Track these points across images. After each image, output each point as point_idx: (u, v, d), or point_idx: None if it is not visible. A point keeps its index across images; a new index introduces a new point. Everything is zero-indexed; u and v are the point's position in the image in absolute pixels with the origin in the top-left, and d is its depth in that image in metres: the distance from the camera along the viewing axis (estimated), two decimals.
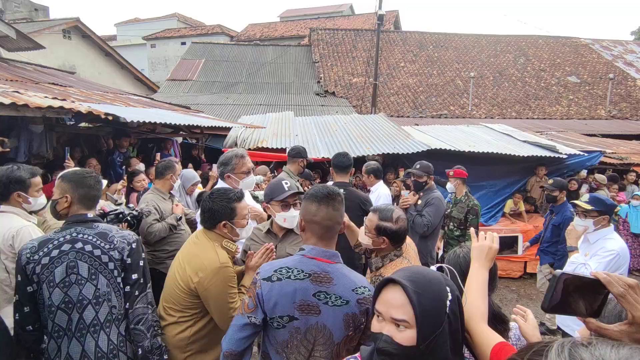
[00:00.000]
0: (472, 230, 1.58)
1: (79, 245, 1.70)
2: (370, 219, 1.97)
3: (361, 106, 13.96)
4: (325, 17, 26.66)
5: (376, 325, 1.04)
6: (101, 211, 2.40)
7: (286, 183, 2.20)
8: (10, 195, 2.12)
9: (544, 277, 4.24)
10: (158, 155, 5.50)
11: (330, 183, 5.65)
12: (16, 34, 7.10)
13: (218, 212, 1.90)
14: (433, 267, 1.26)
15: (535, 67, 17.69)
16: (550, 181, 4.36)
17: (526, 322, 1.36)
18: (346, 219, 2.03)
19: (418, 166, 3.88)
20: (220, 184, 2.62)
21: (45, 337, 1.70)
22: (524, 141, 6.77)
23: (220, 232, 1.91)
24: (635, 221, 6.30)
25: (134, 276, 1.74)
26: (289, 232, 2.24)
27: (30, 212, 2.23)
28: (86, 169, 1.97)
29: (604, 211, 2.82)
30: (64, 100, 4.16)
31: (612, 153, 7.99)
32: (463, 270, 1.65)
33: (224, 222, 1.90)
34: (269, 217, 2.33)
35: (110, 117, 4.05)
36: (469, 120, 12.16)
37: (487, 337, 1.17)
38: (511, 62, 18.01)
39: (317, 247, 1.47)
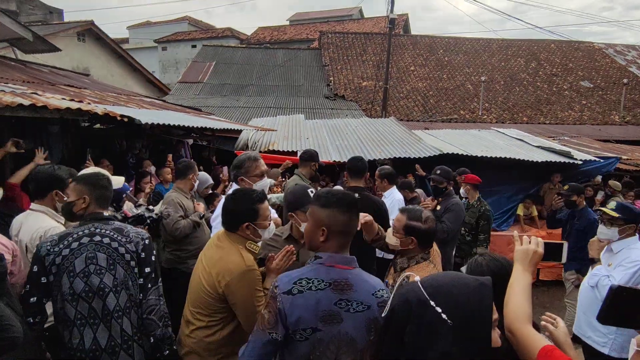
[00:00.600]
0: (515, 233, 1.56)
1: (97, 238, 1.79)
2: (399, 219, 1.97)
3: (371, 110, 13.94)
4: (335, 21, 26.71)
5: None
6: (123, 215, 2.42)
7: (312, 191, 2.19)
8: (48, 193, 2.21)
9: (572, 284, 4.14)
10: (170, 156, 5.54)
11: (337, 187, 5.64)
12: (33, 36, 7.21)
13: (241, 213, 1.88)
14: None
15: (547, 72, 17.50)
16: (566, 187, 4.29)
17: (557, 329, 1.35)
18: (369, 217, 2.06)
19: (438, 171, 3.84)
20: (234, 187, 2.62)
21: (66, 328, 1.77)
22: (538, 146, 6.69)
23: (242, 233, 1.89)
24: None
25: (147, 269, 1.84)
26: None
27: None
28: (97, 171, 2.04)
29: (631, 220, 2.71)
30: (81, 102, 4.21)
31: (628, 159, 7.85)
32: None
33: (247, 223, 1.88)
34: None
35: (125, 119, 4.09)
36: (479, 124, 12.06)
37: (533, 340, 1.17)
38: (522, 66, 17.84)
39: (336, 254, 1.44)
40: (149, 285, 1.83)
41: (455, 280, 1.03)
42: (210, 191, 4.39)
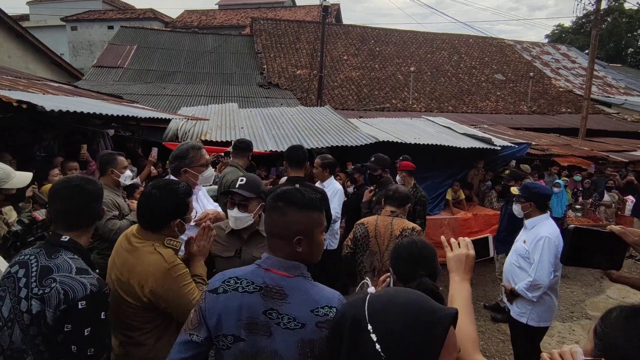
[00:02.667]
0: (442, 238, 1.50)
1: (21, 273, 1.33)
2: None
3: (306, 98, 13.86)
4: (267, 8, 26.05)
5: None
6: (31, 218, 1.98)
7: (241, 180, 2.04)
8: None
9: (501, 264, 4.47)
10: (85, 147, 4.93)
11: (283, 179, 5.50)
12: None
13: (173, 209, 1.67)
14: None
15: (467, 65, 18.89)
16: (507, 171, 4.53)
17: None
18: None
19: (373, 159, 3.81)
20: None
21: None
22: (463, 134, 7.15)
23: (167, 232, 1.68)
24: (556, 206, 6.99)
25: (74, 348, 1.26)
26: (254, 233, 2.05)
27: None
28: (62, 179, 1.55)
29: (529, 198, 2.95)
30: None
31: (536, 145, 8.79)
32: (405, 259, 1.65)
33: (178, 220, 1.68)
34: None
35: (24, 105, 3.50)
36: (410, 113, 12.63)
37: None
38: (446, 59, 19.04)
39: (275, 257, 1.26)
40: None
41: (408, 306, 0.81)
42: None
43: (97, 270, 1.48)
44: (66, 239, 1.41)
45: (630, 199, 7.54)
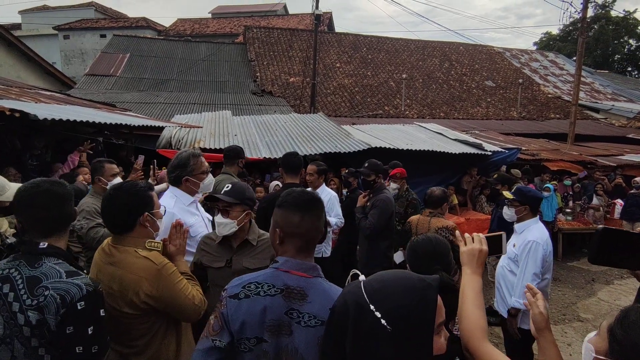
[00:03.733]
0: (457, 232, 1.55)
1: (6, 288, 1.29)
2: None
3: (299, 106, 13.94)
4: (260, 16, 26.26)
5: None
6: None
7: (227, 186, 2.05)
8: None
9: (493, 267, 4.51)
10: (85, 155, 4.94)
11: (273, 184, 5.52)
12: None
13: (138, 205, 1.63)
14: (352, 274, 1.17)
15: (458, 72, 19.16)
16: (495, 175, 4.58)
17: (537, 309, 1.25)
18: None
19: (366, 164, 3.83)
20: (173, 190, 2.35)
21: None
22: (455, 139, 7.25)
23: (139, 231, 1.65)
24: (546, 210, 7.09)
25: (79, 349, 1.28)
26: (244, 242, 2.03)
27: None
28: (41, 179, 1.48)
29: (524, 202, 2.98)
30: None
31: (526, 150, 8.92)
32: (420, 256, 1.70)
33: (146, 213, 1.64)
34: None
35: (17, 114, 3.49)
36: (403, 119, 12.75)
37: (494, 359, 1.08)
38: (437, 66, 19.30)
39: (293, 259, 1.30)
40: None
41: (399, 281, 0.91)
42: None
43: (85, 272, 1.48)
44: (45, 246, 1.36)
45: (620, 202, 7.67)
